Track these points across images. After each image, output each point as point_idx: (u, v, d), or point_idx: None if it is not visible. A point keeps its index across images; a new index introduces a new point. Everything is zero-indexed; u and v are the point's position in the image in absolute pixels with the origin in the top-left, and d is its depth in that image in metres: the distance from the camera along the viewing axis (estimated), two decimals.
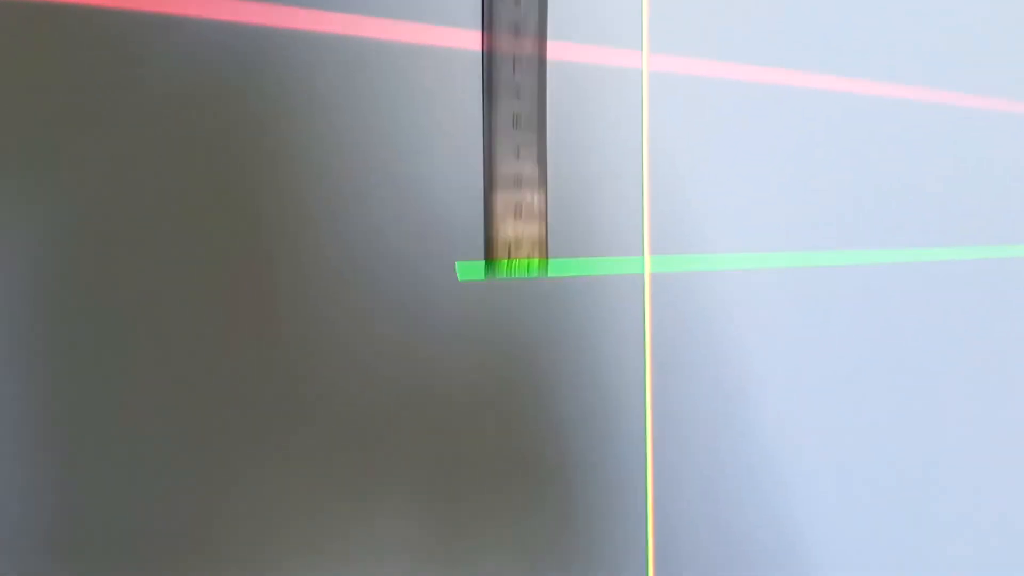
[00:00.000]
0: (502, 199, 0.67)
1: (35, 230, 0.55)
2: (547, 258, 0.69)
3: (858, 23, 0.80)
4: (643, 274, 0.72)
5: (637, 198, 0.72)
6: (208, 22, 0.58)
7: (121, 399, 0.57)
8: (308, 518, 0.63)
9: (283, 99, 0.61)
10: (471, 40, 0.66)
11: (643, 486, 0.73)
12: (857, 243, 0.79)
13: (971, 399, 0.88)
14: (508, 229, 0.68)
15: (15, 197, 0.54)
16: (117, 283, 0.57)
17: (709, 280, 0.74)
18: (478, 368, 0.68)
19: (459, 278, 0.67)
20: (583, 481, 0.71)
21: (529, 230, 0.68)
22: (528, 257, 0.68)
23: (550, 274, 0.69)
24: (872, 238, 0.79)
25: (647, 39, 0.72)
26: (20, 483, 0.55)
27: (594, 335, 0.71)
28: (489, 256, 0.68)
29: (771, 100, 0.76)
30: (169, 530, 0.59)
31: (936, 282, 0.82)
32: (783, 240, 0.77)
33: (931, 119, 0.82)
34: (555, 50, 0.69)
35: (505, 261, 0.68)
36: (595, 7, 0.70)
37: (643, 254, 0.72)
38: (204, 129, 0.59)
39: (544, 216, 0.68)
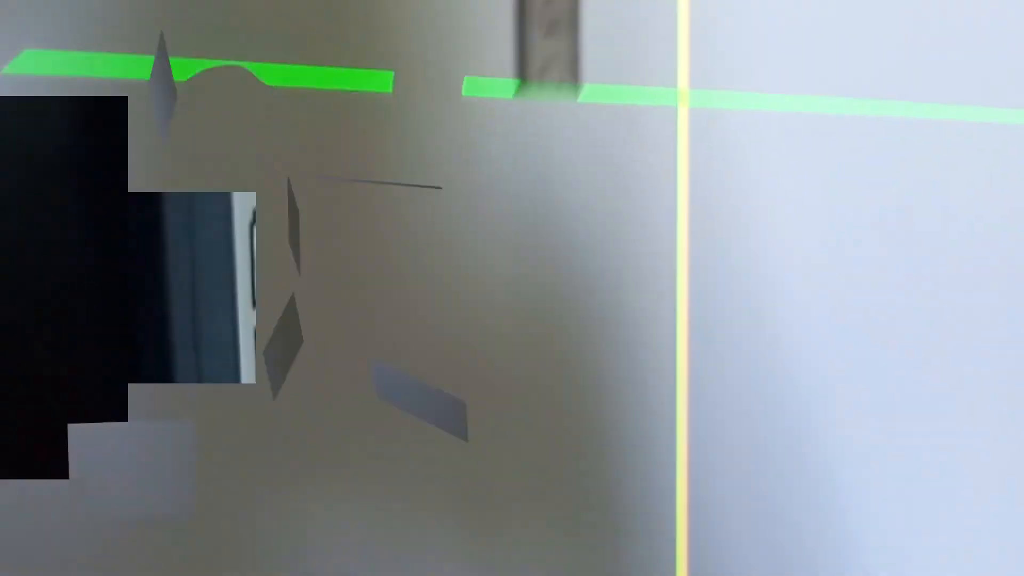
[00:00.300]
0: (535, 15, 0.65)
1: None
2: (579, 82, 0.67)
3: None
4: (676, 106, 0.70)
5: (674, 28, 0.70)
6: None
7: None
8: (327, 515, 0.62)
9: None
10: None
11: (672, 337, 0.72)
12: (907, 95, 0.76)
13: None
14: (539, 47, 0.66)
15: None
16: None
17: (747, 120, 0.72)
18: (504, 188, 0.66)
19: (487, 95, 0.65)
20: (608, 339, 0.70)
21: (562, 50, 0.66)
22: (559, 78, 0.66)
23: (581, 99, 0.67)
24: (924, 91, 0.77)
25: None
26: None
27: (625, 167, 0.69)
28: (520, 75, 0.66)
29: None
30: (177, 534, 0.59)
31: (988, 143, 0.79)
32: (826, 85, 0.74)
33: None
34: None
35: (536, 81, 0.66)
36: None
37: (678, 87, 0.70)
38: None
39: (577, 36, 0.66)
